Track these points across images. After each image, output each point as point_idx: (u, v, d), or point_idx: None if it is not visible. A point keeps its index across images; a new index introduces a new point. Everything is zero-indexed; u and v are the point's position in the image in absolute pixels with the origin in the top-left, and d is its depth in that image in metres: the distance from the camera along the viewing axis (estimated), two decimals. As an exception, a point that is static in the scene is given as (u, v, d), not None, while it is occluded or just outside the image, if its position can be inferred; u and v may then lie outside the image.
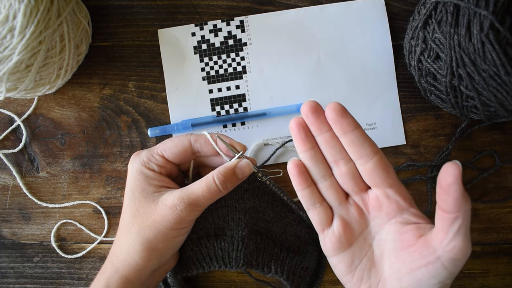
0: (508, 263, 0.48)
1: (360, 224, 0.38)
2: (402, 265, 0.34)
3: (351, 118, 0.35)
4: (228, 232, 0.43)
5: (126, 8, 0.49)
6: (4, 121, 0.50)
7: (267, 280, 0.47)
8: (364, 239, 0.38)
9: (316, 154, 0.37)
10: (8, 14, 0.37)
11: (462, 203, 0.30)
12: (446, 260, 0.31)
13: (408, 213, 0.36)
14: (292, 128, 0.36)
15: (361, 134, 0.35)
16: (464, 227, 0.30)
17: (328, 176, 0.37)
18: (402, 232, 0.35)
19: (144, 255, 0.38)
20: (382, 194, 0.36)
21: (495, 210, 0.49)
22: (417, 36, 0.42)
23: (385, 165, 0.35)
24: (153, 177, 0.40)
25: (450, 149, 0.48)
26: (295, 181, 0.38)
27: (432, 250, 0.32)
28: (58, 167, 0.49)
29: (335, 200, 0.38)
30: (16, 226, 0.50)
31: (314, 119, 0.35)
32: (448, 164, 0.29)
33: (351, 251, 0.38)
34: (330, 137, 0.36)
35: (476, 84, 0.39)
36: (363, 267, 0.37)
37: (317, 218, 0.38)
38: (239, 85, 0.49)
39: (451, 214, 0.30)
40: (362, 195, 0.37)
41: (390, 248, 0.36)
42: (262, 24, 0.49)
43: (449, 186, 0.29)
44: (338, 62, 0.49)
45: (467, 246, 0.31)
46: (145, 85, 0.49)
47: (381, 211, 0.36)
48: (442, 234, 0.31)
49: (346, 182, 0.37)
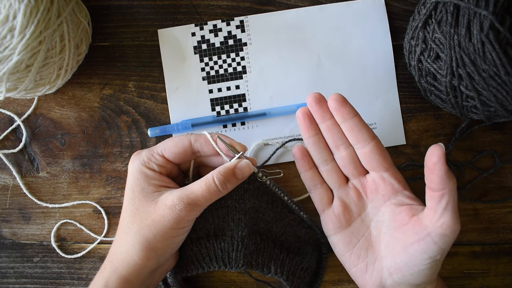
0: (508, 263, 0.48)
1: (358, 206, 0.42)
2: (396, 243, 0.38)
3: (350, 106, 0.39)
4: (228, 232, 0.43)
5: (126, 8, 0.49)
6: (4, 121, 0.50)
7: (267, 280, 0.47)
8: (362, 220, 0.42)
9: (319, 140, 0.41)
10: (8, 14, 0.37)
11: (447, 180, 0.33)
12: (436, 235, 0.34)
13: (402, 195, 0.40)
14: (298, 117, 0.41)
15: (359, 121, 0.39)
16: (451, 204, 0.34)
17: (329, 160, 0.42)
18: (397, 213, 0.39)
19: (143, 255, 0.38)
20: (378, 177, 0.40)
21: (495, 210, 0.49)
22: (417, 36, 0.42)
23: (381, 150, 0.40)
24: (153, 177, 0.40)
25: (450, 149, 0.48)
26: (298, 163, 0.43)
27: (423, 227, 0.35)
28: (58, 167, 0.49)
29: (336, 183, 0.42)
30: (16, 226, 0.50)
31: (318, 108, 0.40)
32: (433, 146, 0.33)
33: (349, 230, 0.41)
34: (332, 124, 0.40)
35: (476, 84, 0.39)
36: (361, 246, 0.41)
37: (318, 198, 0.43)
38: (239, 85, 0.49)
39: (438, 192, 0.34)
40: (360, 179, 0.41)
41: (385, 228, 0.39)
42: (262, 24, 0.49)
43: (434, 165, 0.33)
44: (338, 62, 0.49)
45: (455, 222, 0.34)
46: (145, 85, 0.49)
47: (378, 193, 0.40)
48: (431, 212, 0.35)
49: (346, 166, 0.41)
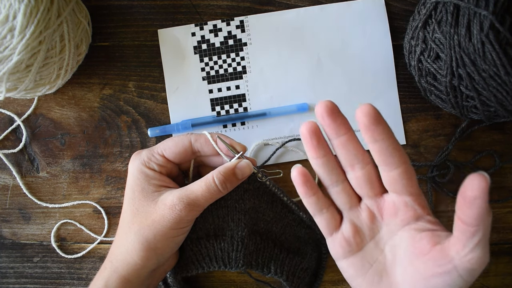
0: (508, 263, 0.48)
1: (372, 229, 0.36)
2: (416, 272, 0.33)
3: (385, 124, 0.31)
4: (228, 232, 0.43)
5: (126, 8, 0.49)
6: (4, 121, 0.50)
7: (267, 280, 0.47)
8: (375, 243, 0.36)
9: (328, 161, 0.34)
10: (8, 14, 0.37)
11: (485, 217, 0.28)
12: (462, 270, 0.30)
13: (424, 220, 0.34)
14: (303, 134, 0.33)
15: (392, 143, 0.32)
16: (484, 240, 0.29)
17: (340, 181, 0.35)
18: (417, 239, 0.33)
19: (143, 255, 0.38)
20: (400, 201, 0.34)
21: (495, 210, 0.49)
22: (417, 36, 0.42)
23: (410, 174, 0.33)
24: (153, 177, 0.40)
25: (450, 149, 0.48)
26: (300, 189, 0.36)
27: (449, 260, 0.31)
28: (58, 167, 0.49)
29: (346, 204, 0.36)
30: (16, 226, 0.50)
31: (331, 121, 0.32)
32: (475, 175, 0.27)
33: (361, 255, 0.36)
34: (347, 140, 0.33)
35: (476, 84, 0.38)
36: (374, 272, 0.36)
37: (324, 223, 0.37)
38: (239, 85, 0.49)
39: (472, 227, 0.29)
40: (376, 200, 0.35)
41: (403, 254, 0.34)
42: (262, 24, 0.49)
43: (474, 199, 0.27)
44: (338, 62, 0.49)
45: (486, 256, 0.30)
46: (145, 85, 0.49)
47: (396, 217, 0.35)
48: (460, 244, 0.30)
49: (361, 186, 0.35)
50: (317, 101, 0.49)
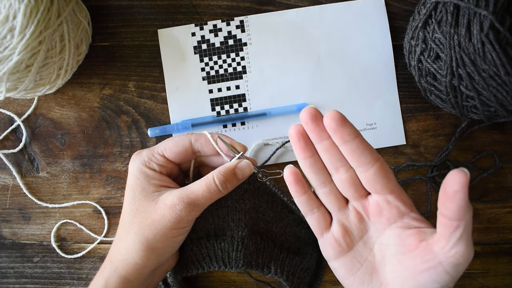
0: (508, 263, 0.48)
1: (360, 229, 0.38)
2: (404, 269, 0.34)
3: (350, 126, 0.34)
4: (228, 232, 0.43)
5: (126, 8, 0.49)
6: (4, 121, 0.50)
7: (267, 280, 0.47)
8: (364, 243, 0.38)
9: (316, 162, 0.37)
10: (8, 14, 0.37)
11: (465, 211, 0.29)
12: (448, 265, 0.31)
13: (409, 217, 0.36)
14: (291, 136, 0.36)
15: (361, 143, 0.34)
16: (466, 234, 0.30)
17: (327, 182, 0.37)
18: (404, 237, 0.35)
19: (143, 255, 0.38)
20: (382, 200, 0.36)
21: (495, 210, 0.49)
22: (417, 36, 0.42)
23: (385, 171, 0.35)
24: (154, 177, 0.40)
25: (450, 149, 0.48)
26: (292, 188, 0.38)
27: (434, 255, 0.32)
28: (58, 167, 0.49)
29: (335, 206, 0.38)
30: (16, 226, 0.50)
31: (314, 126, 0.35)
32: (456, 171, 0.29)
33: (351, 255, 0.38)
34: (330, 144, 0.35)
35: (476, 84, 0.39)
36: (364, 271, 0.37)
37: (315, 223, 0.39)
38: (239, 85, 0.49)
39: (453, 221, 0.30)
40: (362, 201, 0.37)
41: (391, 252, 0.36)
42: (262, 24, 0.49)
43: (454, 193, 0.29)
44: (338, 62, 0.49)
45: (469, 251, 0.31)
46: (145, 85, 0.49)
47: (382, 216, 0.36)
48: (443, 240, 0.31)
49: (346, 189, 0.37)
50: (317, 101, 0.49)
